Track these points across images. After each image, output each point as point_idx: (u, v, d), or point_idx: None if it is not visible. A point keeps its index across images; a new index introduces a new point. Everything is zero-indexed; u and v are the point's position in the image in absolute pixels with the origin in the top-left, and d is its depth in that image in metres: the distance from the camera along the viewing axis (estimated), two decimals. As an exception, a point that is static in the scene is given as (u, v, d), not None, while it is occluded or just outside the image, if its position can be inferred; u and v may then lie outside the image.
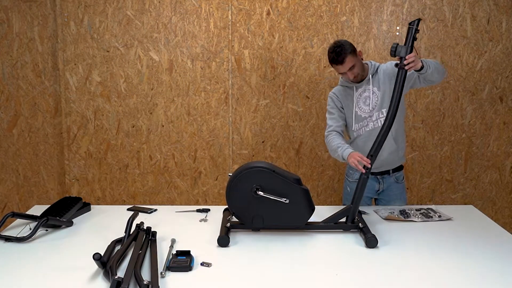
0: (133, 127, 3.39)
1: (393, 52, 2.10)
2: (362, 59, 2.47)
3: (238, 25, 3.26)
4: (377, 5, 3.24)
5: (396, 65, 2.18)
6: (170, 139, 3.41)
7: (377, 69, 2.51)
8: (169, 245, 2.00)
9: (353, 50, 2.39)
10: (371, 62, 2.52)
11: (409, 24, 2.09)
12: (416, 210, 2.47)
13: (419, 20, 2.07)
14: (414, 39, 2.07)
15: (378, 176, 2.61)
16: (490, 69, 3.33)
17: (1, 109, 3.39)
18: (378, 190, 2.64)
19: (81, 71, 3.31)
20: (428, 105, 3.37)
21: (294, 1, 3.23)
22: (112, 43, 3.27)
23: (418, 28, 2.07)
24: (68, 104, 3.34)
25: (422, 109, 3.37)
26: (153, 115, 3.37)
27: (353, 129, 2.55)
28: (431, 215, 2.39)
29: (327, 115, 2.59)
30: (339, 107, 2.56)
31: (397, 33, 3.26)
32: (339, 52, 2.35)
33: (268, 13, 3.25)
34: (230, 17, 3.24)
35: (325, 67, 3.31)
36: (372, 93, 2.48)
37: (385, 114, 2.44)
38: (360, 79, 2.48)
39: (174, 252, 1.89)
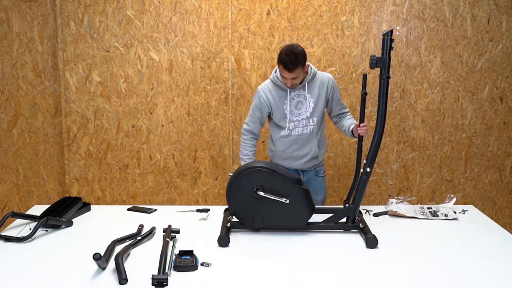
0: (133, 127, 3.39)
1: (373, 65, 2.10)
2: (306, 72, 2.51)
3: (238, 25, 3.26)
4: (377, 5, 3.24)
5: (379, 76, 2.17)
6: (170, 139, 3.41)
7: (314, 75, 2.55)
8: (171, 245, 2.00)
9: (304, 63, 2.41)
10: (310, 67, 2.53)
11: (383, 34, 2.09)
12: (427, 208, 2.49)
13: (391, 30, 2.09)
14: (391, 48, 2.08)
15: (298, 170, 2.70)
16: (490, 69, 3.33)
17: (1, 109, 3.39)
18: None
19: (81, 71, 3.31)
20: (428, 105, 3.37)
21: (294, 1, 3.23)
22: (112, 43, 3.27)
23: (393, 38, 2.08)
24: (68, 104, 3.34)
25: (422, 109, 3.37)
26: (153, 115, 3.37)
27: (282, 127, 2.60)
28: (437, 214, 2.40)
29: (251, 111, 2.64)
30: (264, 110, 2.59)
31: (397, 33, 3.27)
32: (294, 61, 2.35)
33: (268, 13, 3.25)
34: (230, 17, 3.24)
35: (325, 67, 3.31)
36: (305, 99, 2.53)
37: (315, 122, 2.57)
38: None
39: (176, 252, 1.89)
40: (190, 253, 1.87)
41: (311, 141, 2.62)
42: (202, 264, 1.84)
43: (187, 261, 1.82)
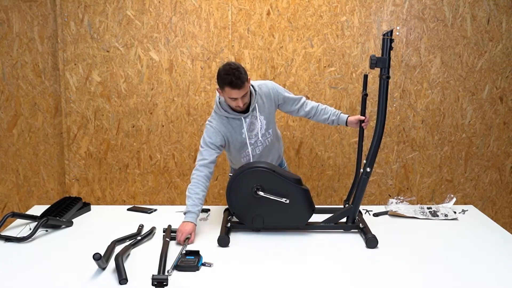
0: (133, 127, 3.39)
1: (373, 65, 2.09)
2: (250, 93, 2.34)
3: (238, 25, 3.26)
4: (377, 5, 3.24)
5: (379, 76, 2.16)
6: (170, 139, 3.41)
7: (259, 93, 2.41)
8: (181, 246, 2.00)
9: (247, 76, 2.22)
10: (252, 86, 2.36)
11: (383, 34, 2.09)
12: (427, 208, 2.49)
13: (391, 30, 2.09)
14: (391, 48, 2.08)
15: None
16: (490, 69, 3.33)
17: (1, 109, 3.39)
18: None
19: (81, 71, 3.31)
20: (428, 105, 3.37)
21: (294, 1, 3.23)
22: (112, 43, 3.27)
23: (393, 38, 2.09)
24: (68, 104, 3.34)
25: (422, 109, 3.37)
26: (153, 115, 3.37)
27: (242, 155, 2.45)
28: (437, 214, 2.40)
29: (204, 146, 2.33)
30: (220, 145, 2.35)
31: (397, 33, 3.27)
32: (239, 77, 2.15)
33: (268, 13, 3.25)
34: (230, 17, 3.24)
35: (325, 67, 3.31)
36: (256, 119, 2.38)
37: (271, 133, 2.46)
38: (245, 108, 2.33)
39: (183, 251, 1.90)
40: (196, 253, 1.88)
41: (272, 148, 2.55)
42: (203, 264, 1.84)
43: (189, 261, 1.82)
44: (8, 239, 2.05)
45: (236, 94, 2.19)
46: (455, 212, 2.44)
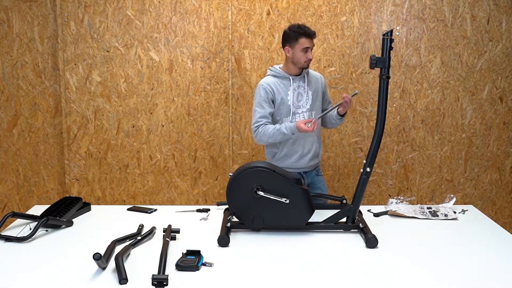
0: (133, 127, 3.39)
1: (373, 65, 2.11)
2: None
3: (238, 25, 3.26)
4: (377, 5, 3.24)
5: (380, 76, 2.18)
6: (170, 139, 3.41)
7: (308, 70, 2.65)
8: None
9: None
10: None
11: (383, 34, 2.10)
12: (427, 208, 2.49)
13: (391, 30, 2.09)
14: (391, 48, 2.09)
15: (301, 173, 2.69)
16: (490, 69, 3.33)
17: (1, 109, 3.39)
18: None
19: (81, 71, 3.31)
20: (428, 105, 3.37)
21: (294, 1, 3.23)
22: (112, 43, 3.27)
23: (393, 38, 2.09)
24: (68, 104, 3.34)
25: (422, 109, 3.37)
26: (153, 115, 3.37)
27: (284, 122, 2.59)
28: (437, 214, 2.40)
29: (258, 107, 2.55)
30: (270, 100, 2.56)
31: (397, 33, 3.27)
32: (309, 28, 2.50)
33: (268, 13, 3.25)
34: (230, 17, 3.24)
35: (325, 67, 3.31)
36: (304, 91, 2.59)
37: (313, 117, 2.58)
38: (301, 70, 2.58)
39: (184, 251, 1.90)
40: (197, 253, 1.87)
41: (312, 135, 2.63)
42: (204, 264, 1.84)
43: (189, 261, 1.82)
44: (8, 239, 2.05)
45: (309, 43, 2.48)
46: (455, 212, 2.44)
